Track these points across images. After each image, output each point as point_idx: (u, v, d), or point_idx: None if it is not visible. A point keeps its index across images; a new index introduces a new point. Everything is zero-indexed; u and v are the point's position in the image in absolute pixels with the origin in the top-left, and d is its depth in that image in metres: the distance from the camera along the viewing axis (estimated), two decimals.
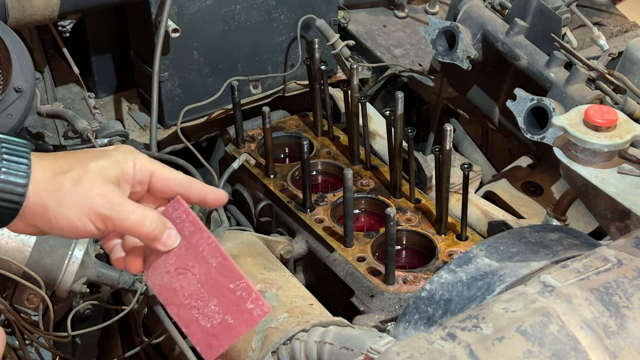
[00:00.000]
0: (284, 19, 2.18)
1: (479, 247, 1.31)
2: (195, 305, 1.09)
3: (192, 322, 1.09)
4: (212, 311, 1.09)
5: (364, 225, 1.93)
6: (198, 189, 1.10)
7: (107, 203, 1.02)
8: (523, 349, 1.03)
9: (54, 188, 1.01)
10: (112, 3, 2.03)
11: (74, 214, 1.02)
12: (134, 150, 1.08)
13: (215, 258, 1.09)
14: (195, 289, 1.09)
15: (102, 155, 1.05)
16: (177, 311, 1.10)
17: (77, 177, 1.02)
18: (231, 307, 1.08)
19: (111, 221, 1.03)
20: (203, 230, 1.09)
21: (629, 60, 1.99)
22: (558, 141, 1.33)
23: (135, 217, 1.03)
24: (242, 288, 1.08)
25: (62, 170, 1.02)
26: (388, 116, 1.87)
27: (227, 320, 1.08)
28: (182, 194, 1.09)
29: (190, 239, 1.09)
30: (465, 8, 1.99)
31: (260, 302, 1.07)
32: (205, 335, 1.09)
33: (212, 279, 1.09)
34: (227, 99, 2.11)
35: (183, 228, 1.09)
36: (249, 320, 1.08)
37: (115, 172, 1.04)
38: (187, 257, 1.10)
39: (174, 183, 1.09)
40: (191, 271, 1.10)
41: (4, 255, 1.61)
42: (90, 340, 1.92)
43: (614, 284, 1.11)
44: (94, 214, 1.02)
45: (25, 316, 1.71)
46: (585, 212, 1.93)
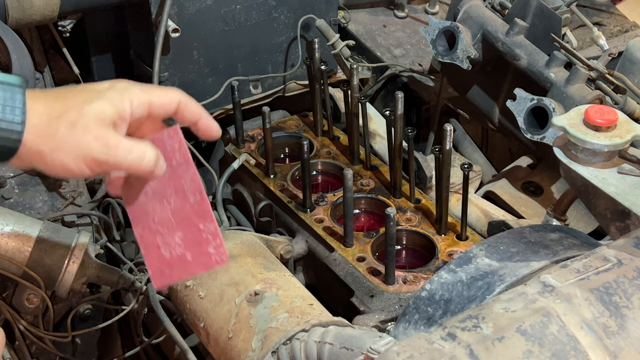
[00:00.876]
0: (284, 19, 2.18)
1: (479, 247, 1.31)
2: (161, 232, 1.10)
3: (153, 246, 1.10)
4: (175, 243, 1.10)
5: (364, 225, 1.93)
6: (193, 111, 1.10)
7: (103, 147, 1.01)
8: (523, 349, 1.03)
9: (49, 133, 1.01)
10: (112, 3, 2.03)
11: (69, 159, 1.01)
12: (129, 85, 1.07)
13: (194, 195, 1.09)
14: (166, 217, 1.10)
15: (98, 97, 1.04)
16: (142, 232, 1.11)
17: (72, 121, 1.01)
18: (194, 245, 1.09)
19: (107, 164, 1.03)
20: (190, 165, 1.09)
21: (629, 60, 1.99)
22: (558, 141, 1.33)
23: (133, 157, 1.03)
24: (209, 231, 1.09)
25: (57, 114, 1.01)
26: (388, 116, 1.87)
27: (185, 256, 1.09)
28: (178, 116, 1.10)
29: (176, 169, 1.09)
30: (465, 8, 1.99)
31: (222, 250, 1.08)
32: (161, 263, 1.10)
33: (185, 213, 1.09)
34: (227, 99, 2.11)
35: (172, 157, 1.09)
36: (206, 263, 1.09)
37: (111, 113, 1.03)
38: (167, 186, 1.10)
39: (172, 106, 1.09)
40: (167, 200, 1.10)
41: (4, 255, 1.61)
42: (90, 340, 1.92)
43: (614, 284, 1.11)
44: (90, 158, 1.02)
45: (25, 316, 1.71)
46: (585, 212, 1.93)
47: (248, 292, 1.53)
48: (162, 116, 1.10)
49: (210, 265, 1.09)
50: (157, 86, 1.11)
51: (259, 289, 1.54)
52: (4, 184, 1.80)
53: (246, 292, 1.53)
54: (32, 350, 1.77)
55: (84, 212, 1.82)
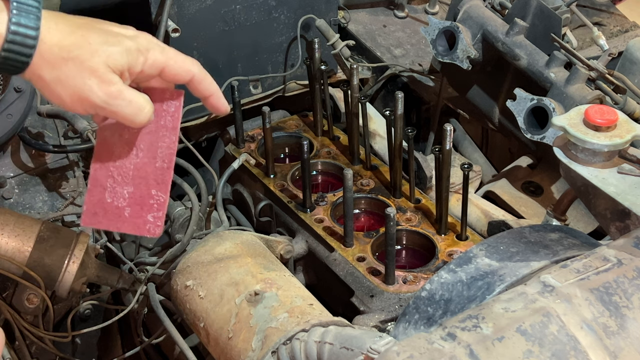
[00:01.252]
0: (284, 19, 2.18)
1: (479, 247, 1.31)
2: (114, 177, 1.11)
3: (100, 186, 1.11)
4: (122, 195, 1.10)
5: (364, 225, 1.93)
6: (206, 87, 1.12)
7: (104, 94, 1.01)
8: (523, 349, 1.03)
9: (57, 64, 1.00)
10: (112, 3, 2.03)
11: (67, 96, 1.01)
12: (150, 42, 1.07)
13: (162, 161, 1.10)
14: (127, 166, 1.11)
15: (116, 42, 1.04)
16: (98, 168, 1.11)
17: (81, 60, 1.01)
18: (137, 205, 1.10)
19: (103, 111, 1.03)
20: (174, 133, 1.10)
21: (629, 60, 1.99)
22: (558, 141, 1.33)
23: (129, 110, 1.03)
24: (158, 201, 1.10)
25: (69, 48, 1.01)
26: (388, 116, 1.87)
27: (124, 211, 1.10)
28: (191, 86, 1.10)
29: (159, 129, 1.10)
30: (465, 8, 1.99)
31: (159, 224, 1.09)
32: (99, 205, 1.11)
33: (146, 172, 1.10)
34: (227, 99, 2.09)
35: (162, 117, 1.10)
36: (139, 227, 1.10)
37: (122, 63, 1.03)
38: (143, 139, 1.11)
39: (186, 76, 1.09)
40: (136, 152, 1.11)
41: (4, 255, 1.61)
42: (90, 340, 1.92)
43: (614, 284, 1.11)
44: (88, 101, 1.02)
45: (25, 316, 1.71)
46: (585, 212, 1.93)
47: (248, 292, 1.53)
48: (172, 82, 1.10)
49: (141, 231, 1.10)
50: (178, 52, 1.11)
51: (259, 289, 1.54)
52: (4, 184, 1.80)
53: (246, 292, 1.53)
54: (32, 350, 1.77)
55: None
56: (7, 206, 1.74)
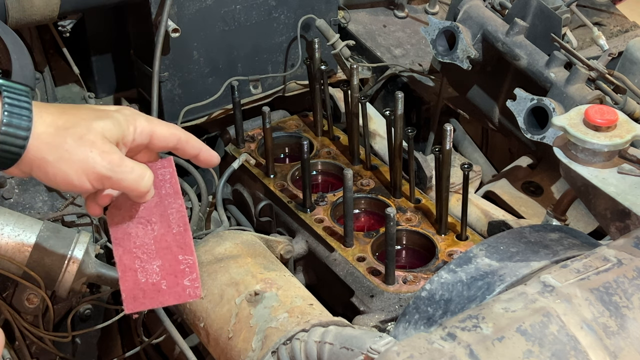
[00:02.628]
0: (284, 19, 2.18)
1: (479, 247, 1.31)
2: (140, 257, 1.13)
3: (131, 270, 1.13)
4: (153, 270, 1.13)
5: (364, 225, 1.93)
6: (194, 146, 1.14)
7: (108, 163, 1.03)
8: (523, 349, 1.03)
9: (56, 143, 1.02)
10: (112, 3, 2.03)
11: (72, 171, 1.03)
12: (135, 113, 1.10)
13: (178, 226, 1.13)
14: (148, 243, 1.13)
15: (105, 116, 1.06)
16: (122, 254, 1.14)
17: (79, 135, 1.02)
18: (170, 275, 1.12)
19: (109, 180, 1.04)
20: (178, 197, 1.13)
21: (629, 60, 1.99)
22: (558, 141, 1.33)
23: (133, 177, 1.06)
24: (188, 263, 1.12)
25: (64, 126, 1.03)
26: (388, 116, 1.87)
27: (161, 285, 1.12)
28: (178, 150, 1.13)
29: (164, 198, 1.13)
30: (465, 8, 1.99)
31: (197, 285, 1.12)
32: (136, 288, 1.13)
33: (167, 242, 1.12)
34: (227, 99, 2.11)
35: (162, 186, 1.13)
36: (179, 294, 1.12)
37: (116, 133, 1.05)
38: (153, 213, 1.13)
39: (172, 140, 1.12)
40: (151, 226, 1.13)
41: (4, 255, 1.61)
42: (90, 340, 1.92)
43: (614, 284, 1.11)
44: (93, 173, 1.03)
45: (25, 316, 1.71)
46: (585, 212, 1.93)
47: (248, 292, 1.53)
48: (160, 149, 1.13)
49: (183, 298, 1.13)
50: (160, 120, 1.14)
51: (259, 289, 1.54)
52: (4, 184, 1.80)
53: (246, 292, 1.53)
54: (32, 350, 1.77)
55: (84, 212, 1.82)
56: (7, 206, 1.74)
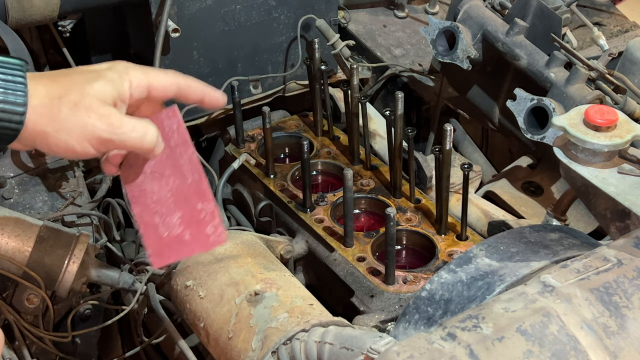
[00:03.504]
0: (284, 19, 2.18)
1: (479, 247, 1.31)
2: (159, 212, 1.11)
3: (152, 226, 1.11)
4: (174, 223, 1.10)
5: (364, 225, 1.93)
6: (197, 90, 1.11)
7: (108, 126, 1.02)
8: (523, 349, 1.03)
9: (52, 114, 1.01)
10: (112, 3, 2.03)
11: (73, 139, 1.02)
12: (128, 67, 1.08)
13: (192, 175, 1.10)
14: (165, 196, 1.10)
15: (97, 77, 1.04)
16: (141, 212, 1.11)
17: (74, 102, 1.01)
18: (192, 225, 1.10)
19: (112, 143, 1.03)
20: (188, 145, 1.10)
21: (629, 60, 1.99)
22: (558, 141, 1.33)
23: (136, 135, 1.04)
24: (208, 211, 1.09)
25: (58, 94, 1.01)
26: (388, 116, 1.87)
27: (183, 236, 1.10)
28: (181, 97, 1.10)
29: (174, 149, 1.10)
30: (465, 8, 1.99)
31: (220, 230, 1.09)
32: (159, 243, 1.10)
33: (184, 193, 1.10)
34: (227, 99, 2.11)
35: (170, 137, 1.10)
36: (204, 243, 1.09)
37: (111, 93, 1.03)
38: (166, 165, 1.11)
39: (172, 88, 1.09)
40: (166, 179, 1.11)
41: (4, 255, 1.61)
42: (90, 340, 1.92)
43: (614, 284, 1.11)
44: (94, 138, 1.02)
45: (25, 316, 1.71)
46: (585, 212, 1.93)
47: (248, 292, 1.53)
48: (161, 99, 1.10)
49: (208, 245, 1.10)
50: (156, 69, 1.12)
51: (259, 289, 1.54)
52: (4, 184, 1.80)
53: (246, 292, 1.53)
54: (32, 350, 1.77)
55: (84, 212, 1.82)
56: (7, 206, 1.74)
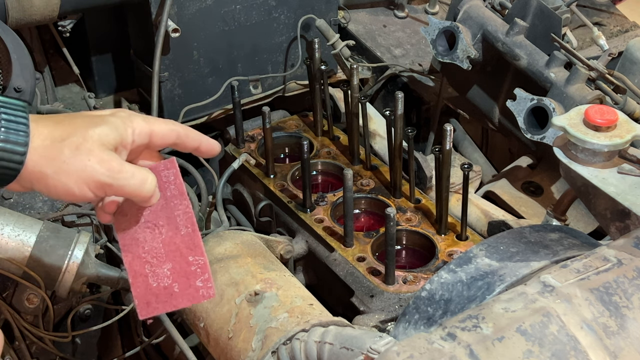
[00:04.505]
0: (284, 19, 2.18)
1: (479, 247, 1.31)
2: (150, 262, 1.11)
3: (141, 275, 1.11)
4: (164, 274, 1.11)
5: (364, 225, 1.93)
6: (194, 138, 1.12)
7: (107, 171, 1.02)
8: (523, 349, 1.03)
9: (53, 156, 1.01)
10: (112, 3, 2.03)
11: (72, 182, 1.02)
12: (131, 114, 1.08)
13: (186, 227, 1.11)
14: (157, 247, 1.11)
15: (101, 122, 1.04)
16: (131, 260, 1.12)
17: (76, 145, 1.01)
18: (182, 277, 1.10)
19: (111, 188, 1.03)
20: (184, 198, 1.11)
21: (629, 60, 1.99)
22: (558, 141, 1.33)
23: (135, 182, 1.04)
24: (198, 264, 1.11)
25: (60, 137, 1.02)
26: (388, 116, 1.87)
27: (173, 288, 1.11)
28: (178, 145, 1.11)
29: (169, 200, 1.11)
30: (465, 8, 1.99)
31: (209, 285, 1.10)
32: (148, 293, 1.11)
33: (176, 244, 1.11)
34: (227, 99, 2.11)
35: (166, 188, 1.11)
36: (192, 296, 1.10)
37: (114, 138, 1.04)
38: (160, 216, 1.11)
39: (172, 136, 1.10)
40: (159, 229, 1.11)
41: (4, 255, 1.61)
42: (90, 340, 1.92)
43: (614, 284, 1.11)
44: (93, 182, 1.02)
45: (25, 316, 1.71)
46: (585, 212, 1.93)
47: (248, 292, 1.53)
48: (161, 147, 1.11)
49: (197, 299, 1.11)
50: (157, 118, 1.13)
51: (259, 289, 1.54)
52: None
53: (246, 292, 1.53)
54: (32, 350, 1.77)
55: (84, 212, 1.82)
56: (7, 206, 1.74)
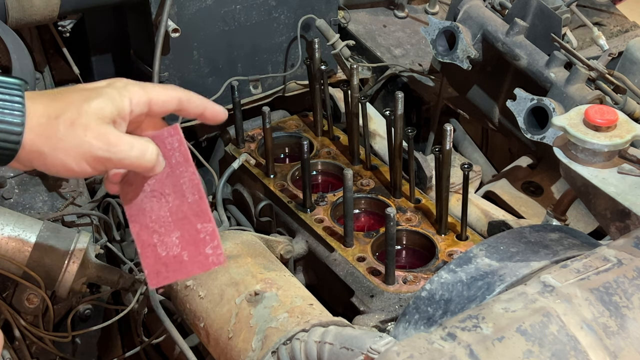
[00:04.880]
0: (284, 19, 2.18)
1: (479, 247, 1.31)
2: (158, 231, 1.09)
3: (150, 245, 1.10)
4: (172, 242, 1.09)
5: (364, 225, 1.93)
6: (197, 104, 1.10)
7: (105, 145, 1.01)
8: (523, 349, 1.03)
9: (49, 133, 1.00)
10: (112, 3, 2.03)
11: (70, 158, 1.01)
12: (127, 83, 1.06)
13: (192, 194, 1.08)
14: (164, 215, 1.09)
15: (96, 95, 1.03)
16: (139, 230, 1.10)
17: (71, 121, 1.00)
18: (191, 245, 1.09)
19: (110, 162, 1.02)
20: (189, 164, 1.09)
21: (629, 60, 1.99)
22: (558, 141, 1.33)
23: (135, 154, 1.03)
24: (207, 231, 1.08)
25: (55, 114, 1.01)
26: (388, 116, 1.87)
27: (182, 256, 1.09)
28: (181, 111, 1.09)
29: (175, 167, 1.09)
30: (465, 8, 1.99)
31: (219, 252, 1.08)
32: (157, 262, 1.09)
33: (183, 212, 1.09)
34: (227, 99, 2.11)
35: (171, 155, 1.09)
36: (202, 263, 1.08)
37: (110, 111, 1.02)
38: (165, 184, 1.09)
39: (173, 103, 1.08)
40: (165, 198, 1.09)
41: (4, 255, 1.61)
42: (90, 340, 1.92)
43: (614, 284, 1.11)
44: (91, 157, 1.01)
45: (25, 316, 1.71)
46: (585, 212, 1.93)
47: (248, 292, 1.53)
48: (162, 114, 1.09)
49: (207, 266, 1.09)
50: (156, 84, 1.11)
51: (259, 289, 1.54)
52: (4, 184, 1.80)
53: (246, 292, 1.53)
54: (32, 350, 1.77)
55: (84, 212, 1.82)
56: (7, 206, 1.74)
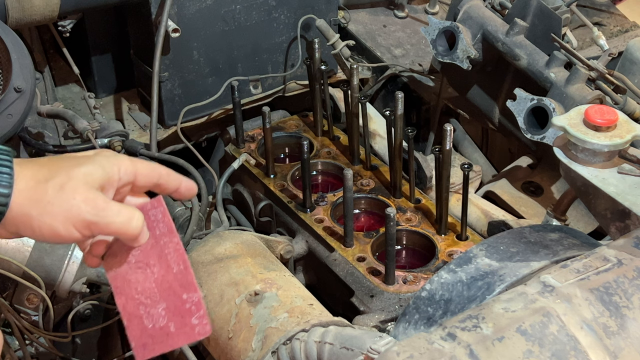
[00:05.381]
0: (284, 19, 2.18)
1: (479, 247, 1.31)
2: (144, 302, 1.10)
3: (136, 317, 1.10)
4: (158, 314, 1.09)
5: (364, 225, 1.93)
6: (175, 179, 1.12)
7: (93, 208, 1.01)
8: (523, 349, 1.03)
9: (37, 197, 1.00)
10: (112, 3, 2.03)
11: (58, 223, 1.00)
12: (116, 154, 1.08)
13: (177, 265, 1.09)
14: (149, 287, 1.10)
15: (86, 161, 1.04)
16: (125, 302, 1.10)
17: (60, 185, 1.00)
18: (177, 316, 1.09)
19: (97, 226, 1.02)
20: (173, 235, 1.10)
21: (629, 60, 1.99)
22: (558, 141, 1.33)
23: (121, 219, 1.03)
24: (193, 301, 1.09)
25: (45, 178, 1.01)
26: (388, 116, 1.87)
27: (169, 327, 1.09)
28: (162, 185, 1.11)
29: (159, 238, 1.10)
30: (465, 8, 1.99)
31: (205, 321, 1.08)
32: (144, 335, 1.09)
33: (168, 283, 1.09)
34: (227, 99, 2.11)
35: (155, 227, 1.10)
36: (189, 334, 1.08)
37: (99, 176, 1.03)
38: (150, 255, 1.10)
39: (155, 176, 1.10)
40: (151, 269, 1.10)
41: (4, 255, 1.61)
42: (90, 340, 1.92)
43: (614, 284, 1.11)
44: (79, 220, 1.01)
45: (25, 316, 1.71)
46: (585, 212, 1.93)
47: (248, 292, 1.53)
48: (145, 188, 1.10)
49: (193, 337, 1.09)
50: (140, 159, 1.13)
51: (259, 289, 1.54)
52: None
53: (246, 292, 1.53)
54: (32, 350, 1.77)
55: None
56: None
